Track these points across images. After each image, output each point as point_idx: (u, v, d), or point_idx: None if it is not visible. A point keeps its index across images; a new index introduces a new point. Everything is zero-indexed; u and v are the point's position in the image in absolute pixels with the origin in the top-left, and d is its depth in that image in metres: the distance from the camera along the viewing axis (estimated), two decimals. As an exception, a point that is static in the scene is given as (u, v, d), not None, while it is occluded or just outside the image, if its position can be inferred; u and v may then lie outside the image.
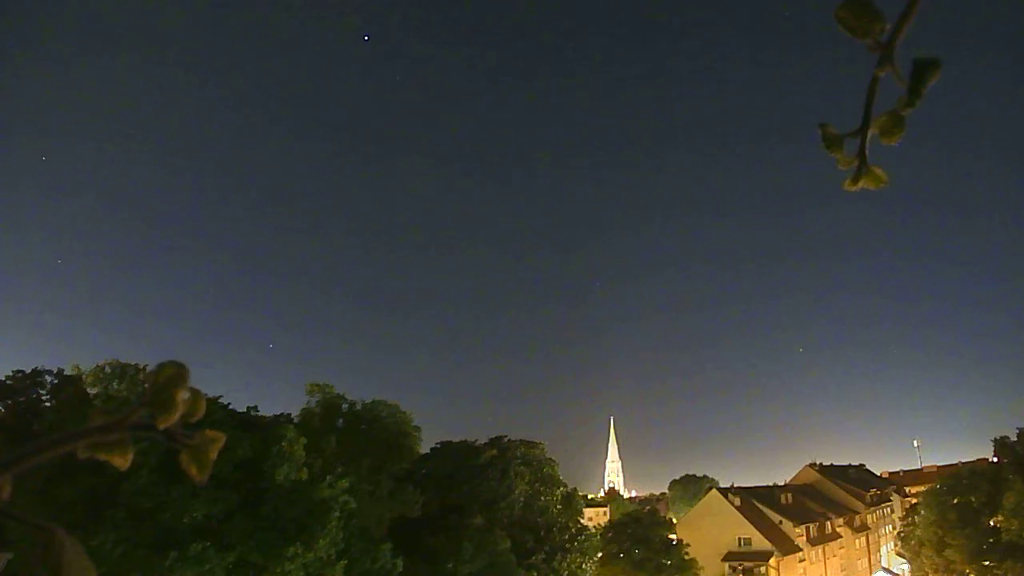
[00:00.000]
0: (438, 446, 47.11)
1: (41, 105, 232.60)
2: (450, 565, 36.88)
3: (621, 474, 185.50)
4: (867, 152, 0.79)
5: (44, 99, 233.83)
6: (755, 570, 57.34)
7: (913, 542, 56.40)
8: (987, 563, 49.02)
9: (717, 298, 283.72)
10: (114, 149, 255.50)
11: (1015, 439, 53.48)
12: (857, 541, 70.02)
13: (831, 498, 72.84)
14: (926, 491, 58.68)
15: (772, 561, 57.10)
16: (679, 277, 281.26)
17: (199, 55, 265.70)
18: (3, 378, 32.04)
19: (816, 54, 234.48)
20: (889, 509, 79.57)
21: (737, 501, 61.20)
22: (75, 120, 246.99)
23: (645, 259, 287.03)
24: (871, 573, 70.99)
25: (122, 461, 0.69)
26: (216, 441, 0.72)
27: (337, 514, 30.22)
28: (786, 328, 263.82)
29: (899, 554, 65.95)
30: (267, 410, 34.05)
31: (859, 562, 69.85)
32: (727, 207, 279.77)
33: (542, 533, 44.94)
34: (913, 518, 58.47)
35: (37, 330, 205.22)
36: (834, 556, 65.41)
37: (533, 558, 42.37)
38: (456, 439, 47.37)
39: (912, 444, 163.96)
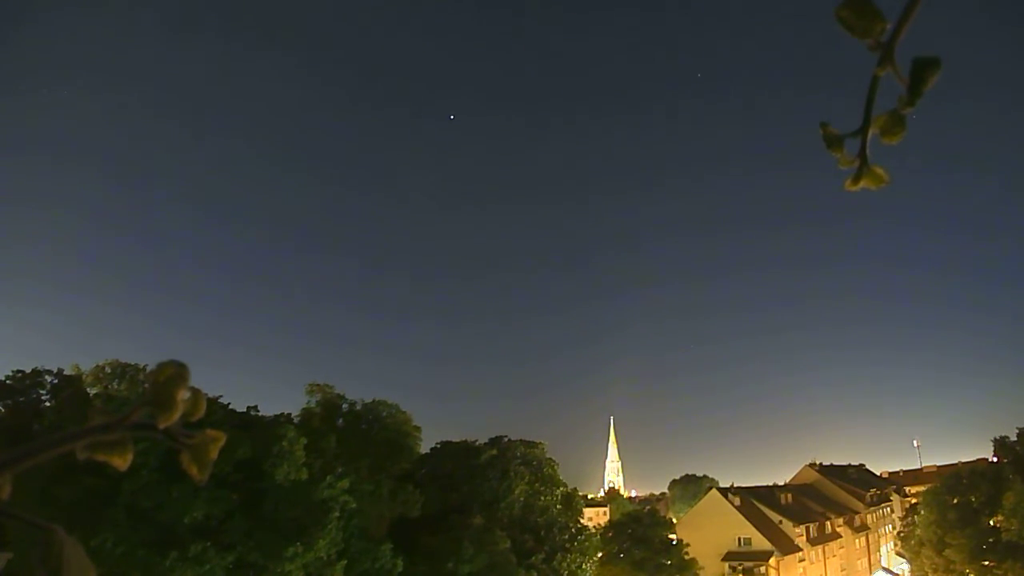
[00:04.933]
0: (438, 446, 47.12)
1: (42, 104, 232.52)
2: (450, 565, 36.90)
3: (621, 474, 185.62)
4: (868, 152, 0.80)
5: (45, 98, 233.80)
6: (755, 570, 57.37)
7: (913, 542, 56.45)
8: (987, 563, 49.06)
9: (717, 297, 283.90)
10: (116, 149, 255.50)
11: (1015, 439, 53.58)
12: (857, 541, 70.07)
13: (831, 498, 72.91)
14: (926, 491, 58.70)
15: (772, 561, 57.14)
16: (679, 277, 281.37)
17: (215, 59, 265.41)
18: (3, 378, 32.11)
19: (818, 53, 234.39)
20: (889, 509, 79.64)
21: (737, 501, 61.26)
22: (77, 119, 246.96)
23: (646, 259, 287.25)
24: (871, 573, 71.04)
25: (122, 461, 0.69)
26: (216, 441, 0.72)
27: (337, 514, 30.26)
28: (787, 328, 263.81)
29: (899, 554, 66.04)
30: (267, 410, 34.16)
31: (859, 562, 69.90)
32: (729, 207, 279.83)
33: (542, 533, 44.95)
34: (913, 518, 58.54)
35: (37, 330, 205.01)
36: (834, 556, 65.46)
37: (533, 558, 42.38)
38: (456, 439, 47.44)
39: (912, 444, 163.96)
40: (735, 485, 67.36)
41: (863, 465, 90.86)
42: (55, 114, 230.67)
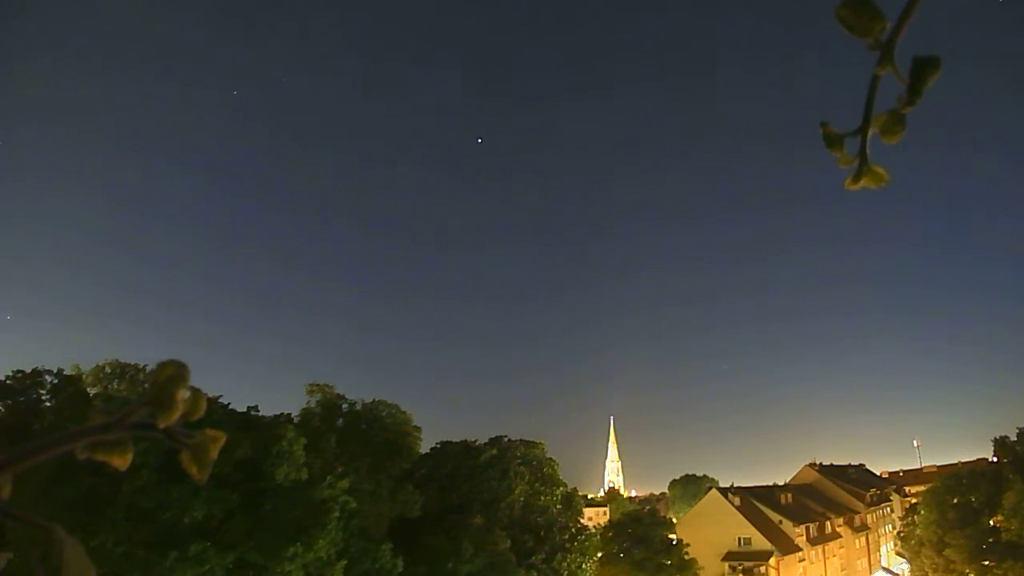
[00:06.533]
0: (438, 446, 47.10)
1: (43, 102, 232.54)
2: (450, 565, 36.89)
3: (621, 474, 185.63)
4: (868, 151, 0.80)
5: (47, 95, 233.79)
6: (755, 570, 57.36)
7: (913, 542, 56.45)
8: (987, 563, 49.07)
9: (717, 297, 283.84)
10: (117, 147, 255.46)
11: (1015, 439, 53.57)
12: (857, 541, 70.06)
13: (831, 498, 72.89)
14: (926, 491, 58.72)
15: (772, 561, 57.12)
16: (679, 275, 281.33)
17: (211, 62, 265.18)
18: (3, 378, 32.09)
19: (818, 52, 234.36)
20: (889, 509, 79.63)
21: (737, 501, 61.24)
22: (78, 117, 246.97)
23: (645, 257, 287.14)
24: (871, 573, 71.02)
25: (122, 461, 0.69)
26: (216, 440, 0.72)
27: (337, 514, 30.23)
28: (786, 327, 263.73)
29: (899, 554, 66.03)
30: (267, 410, 34.12)
31: (859, 562, 69.88)
32: (727, 204, 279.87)
33: (542, 533, 44.95)
34: (913, 518, 58.52)
35: (37, 330, 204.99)
36: (834, 556, 65.46)
37: (533, 558, 42.38)
38: (456, 439, 47.45)
39: (912, 444, 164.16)
40: (735, 485, 67.40)
41: (863, 465, 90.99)
42: (54, 89, 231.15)
